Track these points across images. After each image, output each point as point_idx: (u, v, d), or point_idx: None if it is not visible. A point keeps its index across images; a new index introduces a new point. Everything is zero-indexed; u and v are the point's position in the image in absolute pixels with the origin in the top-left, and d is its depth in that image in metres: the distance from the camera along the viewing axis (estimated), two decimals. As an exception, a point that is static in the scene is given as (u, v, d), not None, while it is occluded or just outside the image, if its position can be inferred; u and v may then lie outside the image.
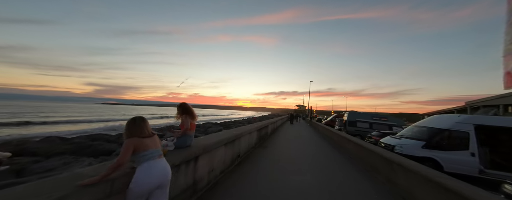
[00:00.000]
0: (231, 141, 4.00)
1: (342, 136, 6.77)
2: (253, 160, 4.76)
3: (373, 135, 8.14)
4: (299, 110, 67.15)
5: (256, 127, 6.67)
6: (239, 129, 5.33)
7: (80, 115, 37.47)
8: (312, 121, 22.12)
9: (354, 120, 11.84)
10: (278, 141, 8.12)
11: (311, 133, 11.93)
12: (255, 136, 6.64)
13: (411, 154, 5.01)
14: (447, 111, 33.20)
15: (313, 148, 6.91)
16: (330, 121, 21.02)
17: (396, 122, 11.16)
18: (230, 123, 21.48)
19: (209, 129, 13.97)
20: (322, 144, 7.81)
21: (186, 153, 2.25)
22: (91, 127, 16.95)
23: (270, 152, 5.92)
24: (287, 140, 8.64)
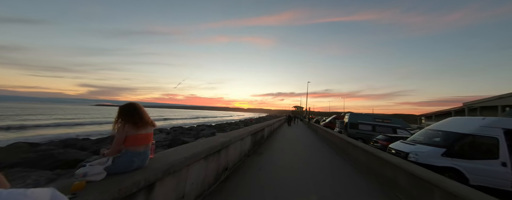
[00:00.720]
0: (215, 151, 3.17)
1: (347, 141, 6.01)
2: (245, 174, 3.92)
3: (380, 140, 7.41)
4: (297, 111, 66.64)
5: (249, 131, 5.84)
6: (228, 135, 4.50)
7: (68, 117, 35.93)
8: (310, 122, 21.41)
9: (356, 122, 11.15)
10: (276, 146, 7.31)
11: (311, 136, 11.18)
12: (248, 141, 5.82)
13: (429, 163, 4.28)
14: (445, 113, 33.13)
15: (315, 155, 6.11)
16: (329, 123, 20.37)
17: (400, 124, 10.53)
18: (225, 125, 20.57)
19: (201, 132, 13.05)
20: (324, 150, 7.03)
21: (128, 182, 1.41)
22: (74, 131, 15.79)
23: (267, 160, 5.10)
24: (285, 144, 7.84)
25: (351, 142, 5.66)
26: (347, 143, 5.98)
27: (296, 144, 8.19)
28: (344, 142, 6.41)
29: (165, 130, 13.26)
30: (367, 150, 4.55)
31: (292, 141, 8.87)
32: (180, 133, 12.43)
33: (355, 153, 5.29)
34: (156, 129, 13.99)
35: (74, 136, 10.21)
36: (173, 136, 10.47)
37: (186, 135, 10.39)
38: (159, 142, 8.00)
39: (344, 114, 22.31)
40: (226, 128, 16.99)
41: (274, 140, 8.94)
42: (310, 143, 8.69)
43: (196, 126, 19.11)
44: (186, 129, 14.82)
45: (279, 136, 10.73)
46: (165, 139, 9.07)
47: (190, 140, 8.47)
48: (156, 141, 9.14)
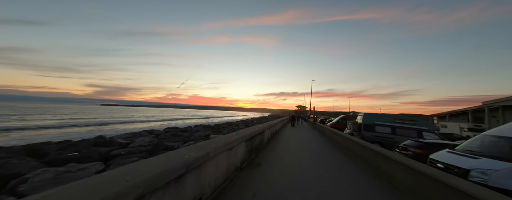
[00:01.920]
0: (172, 180, 1.76)
1: (373, 150, 4.49)
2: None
3: (410, 146, 5.86)
4: (300, 111, 64.89)
5: (243, 137, 4.42)
6: (206, 144, 3.04)
7: (65, 117, 35.39)
8: (315, 123, 19.85)
9: (372, 123, 9.59)
10: (278, 154, 5.88)
11: (319, 140, 9.68)
12: (241, 150, 4.41)
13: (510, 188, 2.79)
14: (461, 113, 30.90)
15: (331, 169, 4.57)
16: (337, 124, 18.78)
17: (427, 126, 8.91)
18: (224, 126, 19.25)
19: (196, 133, 11.74)
20: (341, 161, 5.45)
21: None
22: (57, 132, 14.72)
23: (265, 178, 3.67)
24: (289, 151, 6.38)
25: (380, 151, 4.15)
26: (374, 153, 4.46)
27: (303, 150, 6.72)
28: (368, 151, 4.88)
29: (155, 132, 12.01)
30: (411, 166, 3.06)
31: (298, 147, 7.41)
32: (172, 135, 11.16)
33: (388, 169, 3.80)
34: (145, 130, 12.77)
35: (47, 139, 9.04)
36: (160, 139, 9.17)
37: (176, 138, 9.06)
38: (138, 148, 6.70)
39: (353, 113, 20.60)
40: (225, 129, 15.65)
41: (276, 146, 7.51)
42: (320, 149, 7.19)
43: (193, 127, 17.87)
44: (179, 130, 13.55)
45: (282, 139, 9.29)
46: (149, 143, 7.76)
47: (175, 145, 7.14)
48: (137, 146, 7.84)
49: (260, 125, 7.77)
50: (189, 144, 7.23)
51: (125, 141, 7.92)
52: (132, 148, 6.68)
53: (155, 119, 39.47)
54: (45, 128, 16.87)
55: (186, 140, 8.59)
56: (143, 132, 11.05)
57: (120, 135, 10.41)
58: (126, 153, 6.14)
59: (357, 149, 5.69)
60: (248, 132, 5.18)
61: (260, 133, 6.61)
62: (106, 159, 5.82)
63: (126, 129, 18.64)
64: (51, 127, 18.17)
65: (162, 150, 6.57)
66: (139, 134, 10.61)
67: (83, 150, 6.04)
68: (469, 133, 20.14)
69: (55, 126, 18.16)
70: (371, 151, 4.56)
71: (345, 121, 18.51)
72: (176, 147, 6.93)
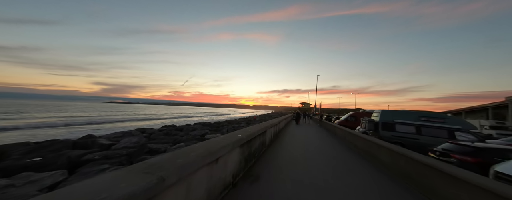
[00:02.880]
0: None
1: (418, 160, 3.22)
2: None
3: (452, 151, 4.54)
4: (304, 108, 63.35)
5: (238, 140, 3.24)
6: (164, 164, 1.85)
7: (68, 115, 35.36)
8: (322, 121, 18.54)
9: (391, 121, 8.26)
10: (283, 161, 4.72)
11: (331, 142, 8.44)
12: (234, 158, 3.27)
13: None
14: (480, 109, 28.77)
15: (359, 188, 3.37)
16: (345, 121, 17.39)
17: (461, 124, 7.50)
18: (225, 124, 18.21)
19: (192, 132, 10.73)
20: (367, 174, 4.16)
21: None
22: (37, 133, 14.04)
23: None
24: (297, 157, 5.19)
25: (433, 165, 2.86)
26: (421, 166, 3.12)
27: (314, 156, 5.50)
28: (411, 163, 3.54)
29: (148, 130, 11.07)
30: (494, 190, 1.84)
31: (307, 151, 6.22)
32: (165, 134, 10.17)
33: (448, 189, 2.56)
34: (138, 129, 11.83)
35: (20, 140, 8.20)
36: (151, 139, 8.19)
37: (167, 138, 8.03)
38: (118, 151, 5.67)
39: (363, 111, 19.01)
40: (224, 127, 14.61)
41: (280, 149, 6.35)
42: (335, 154, 5.92)
43: (192, 125, 16.93)
44: (175, 129, 12.58)
45: (286, 140, 8.12)
46: (135, 144, 6.77)
47: (162, 147, 6.09)
48: (121, 147, 6.82)
49: (262, 124, 6.62)
50: (178, 146, 6.18)
51: (108, 142, 6.95)
52: (112, 151, 5.68)
53: (156, 117, 39.00)
54: (39, 127, 16.33)
55: (178, 141, 7.55)
56: (134, 131, 10.12)
57: (109, 135, 9.51)
58: (101, 158, 5.14)
59: (387, 157, 4.43)
60: (245, 133, 4.02)
61: (261, 134, 5.46)
62: (75, 166, 4.84)
63: (124, 127, 17.89)
64: (49, 126, 17.66)
65: (144, 154, 5.54)
66: (129, 134, 9.68)
67: (49, 155, 5.08)
68: (491, 131, 18.34)
69: (50, 124, 17.62)
70: (416, 162, 3.29)
71: (354, 118, 17.12)
72: (162, 150, 5.91)
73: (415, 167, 3.25)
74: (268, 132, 6.87)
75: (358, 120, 17.17)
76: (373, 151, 5.22)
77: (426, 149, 6.91)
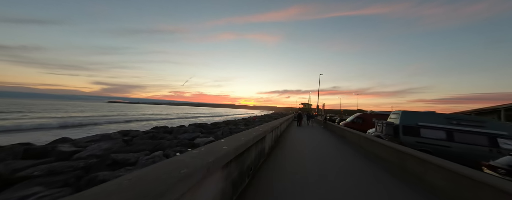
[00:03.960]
0: None
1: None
2: None
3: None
4: (305, 109, 62.03)
5: (221, 157, 1.89)
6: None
7: (62, 115, 34.15)
8: (327, 122, 17.20)
9: (414, 125, 6.94)
10: (289, 180, 3.38)
11: (343, 149, 7.08)
12: (210, 191, 1.95)
13: None
14: (490, 110, 27.33)
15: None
16: (351, 123, 16.04)
17: (506, 130, 6.14)
18: (222, 125, 16.88)
19: (181, 135, 9.43)
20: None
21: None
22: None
23: None
24: (306, 174, 3.78)
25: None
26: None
27: (328, 172, 4.13)
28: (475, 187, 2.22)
29: (132, 133, 9.73)
30: None
31: (317, 162, 4.85)
32: (150, 137, 8.86)
33: None
34: (121, 131, 10.48)
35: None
36: (129, 144, 6.87)
37: (148, 144, 6.71)
38: (72, 163, 4.37)
39: (371, 112, 17.50)
40: (220, 128, 13.28)
41: (282, 158, 5.00)
42: (356, 170, 4.54)
43: (187, 126, 15.63)
44: (164, 131, 11.27)
45: (289, 147, 6.79)
46: (104, 152, 5.46)
47: (131, 158, 4.78)
48: (85, 156, 5.39)
49: (260, 128, 5.30)
50: (152, 156, 4.86)
51: (71, 149, 5.64)
52: (67, 163, 4.38)
53: (153, 117, 37.67)
54: (17, 130, 15.01)
55: (158, 148, 6.23)
56: (115, 134, 8.80)
57: (83, 138, 8.21)
58: (43, 174, 3.84)
59: (442, 181, 3.05)
60: (234, 143, 2.68)
61: (259, 141, 4.15)
62: (7, 184, 3.56)
63: (110, 129, 16.56)
64: (32, 128, 16.36)
65: (104, 168, 4.23)
66: (108, 137, 8.37)
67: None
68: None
69: (34, 127, 16.28)
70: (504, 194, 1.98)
71: (361, 120, 15.79)
72: (131, 161, 4.60)
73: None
74: (268, 137, 5.55)
75: (365, 122, 15.83)
76: (413, 167, 3.87)
77: (461, 159, 5.57)
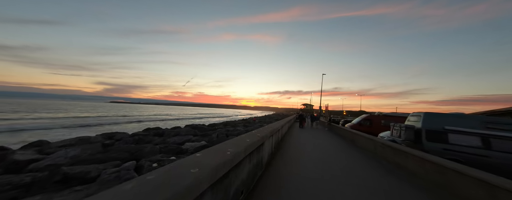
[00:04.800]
0: None
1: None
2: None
3: None
4: (307, 109, 60.86)
5: (180, 196, 0.93)
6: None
7: (59, 116, 33.46)
8: (331, 124, 16.11)
9: (441, 129, 5.87)
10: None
11: (355, 156, 6.02)
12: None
13: None
14: (503, 112, 25.97)
15: None
16: (358, 125, 14.91)
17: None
18: (220, 126, 15.88)
19: (171, 138, 8.45)
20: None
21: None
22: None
23: None
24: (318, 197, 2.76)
25: None
26: None
27: (342, 193, 3.09)
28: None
29: (118, 136, 8.75)
30: None
31: (325, 172, 3.82)
32: (135, 141, 7.89)
33: None
34: (105, 134, 9.45)
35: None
36: (106, 150, 5.88)
37: (121, 152, 5.71)
38: (18, 178, 3.40)
39: (378, 113, 16.16)
40: (216, 130, 12.28)
41: (285, 172, 3.97)
42: (382, 192, 3.45)
43: (182, 127, 14.67)
44: (154, 133, 10.30)
45: (292, 153, 5.74)
46: (70, 161, 4.49)
47: (95, 171, 3.80)
48: (44, 166, 4.39)
49: (257, 133, 4.28)
50: (122, 168, 3.86)
51: (30, 157, 4.67)
52: (8, 178, 3.43)
53: (151, 118, 36.79)
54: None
55: (137, 156, 5.23)
56: (95, 138, 7.83)
57: (63, 141, 7.27)
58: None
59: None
60: (214, 160, 1.63)
61: (255, 150, 3.16)
62: None
63: (97, 131, 15.60)
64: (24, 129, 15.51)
65: (51, 185, 3.25)
66: (87, 140, 7.40)
67: None
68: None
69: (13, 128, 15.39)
70: None
71: (369, 122, 14.68)
72: (92, 174, 3.62)
73: None
74: (267, 144, 4.53)
75: (373, 124, 14.69)
76: (468, 190, 2.82)
77: (502, 172, 4.48)
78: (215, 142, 7.96)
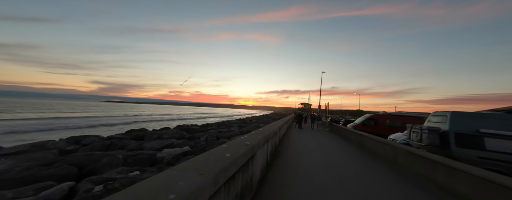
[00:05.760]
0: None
1: None
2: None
3: None
4: (305, 109, 60.04)
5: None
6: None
7: (43, 116, 31.70)
8: (332, 124, 15.03)
9: (475, 132, 4.78)
10: None
11: (373, 168, 4.89)
12: None
13: None
14: (505, 111, 25.27)
15: None
16: (361, 125, 13.84)
17: None
18: (212, 127, 14.62)
19: (148, 144, 7.19)
20: None
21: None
22: None
23: None
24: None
25: None
26: None
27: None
28: None
29: (87, 140, 7.41)
30: None
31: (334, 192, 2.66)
32: (105, 147, 6.61)
33: None
34: (72, 138, 7.98)
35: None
36: (26, 168, 4.58)
37: (63, 166, 4.42)
38: None
39: (384, 113, 14.62)
40: (208, 132, 11.05)
41: (283, 196, 2.79)
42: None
43: (172, 128, 13.37)
44: (130, 138, 8.98)
45: (292, 161, 4.57)
46: None
47: None
48: None
49: (248, 139, 3.06)
50: (39, 196, 2.62)
51: None
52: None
53: (144, 119, 35.06)
54: None
55: (90, 170, 3.97)
56: (53, 143, 6.47)
57: (14, 148, 5.94)
58: None
59: None
60: None
61: (240, 169, 1.97)
62: None
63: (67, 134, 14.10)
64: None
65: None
66: (42, 146, 6.08)
67: None
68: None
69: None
70: None
71: (374, 122, 13.62)
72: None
73: None
74: (260, 155, 3.34)
75: (378, 124, 13.64)
76: None
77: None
78: (201, 147, 6.74)
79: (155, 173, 3.73)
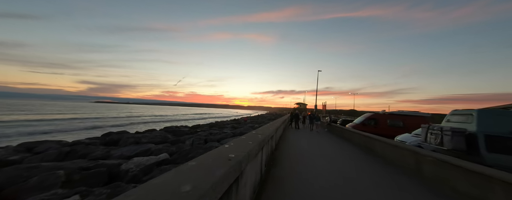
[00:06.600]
0: None
1: None
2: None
3: None
4: (300, 109, 59.47)
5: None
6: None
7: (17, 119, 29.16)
8: (331, 124, 14.23)
9: (509, 134, 4.00)
10: None
11: (404, 183, 3.98)
12: None
13: None
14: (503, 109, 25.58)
15: None
16: (361, 125, 13.10)
17: None
18: (203, 128, 13.43)
19: (120, 150, 5.99)
20: None
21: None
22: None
23: None
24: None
25: None
26: None
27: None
28: None
29: (41, 147, 6.08)
30: None
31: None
32: (62, 156, 5.38)
33: None
34: (25, 144, 6.48)
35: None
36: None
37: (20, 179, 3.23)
38: None
39: (383, 112, 13.75)
40: (195, 134, 9.89)
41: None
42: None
43: (158, 130, 12.06)
44: (100, 142, 7.71)
45: (292, 172, 3.59)
46: None
47: None
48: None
49: (231, 151, 2.07)
50: None
51: None
52: None
53: (133, 120, 33.04)
54: None
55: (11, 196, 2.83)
56: (6, 150, 5.15)
57: None
58: None
59: None
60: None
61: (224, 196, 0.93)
62: None
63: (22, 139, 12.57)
64: None
65: None
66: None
67: None
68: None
69: None
70: None
71: (374, 122, 12.93)
72: None
73: None
74: (250, 170, 2.33)
75: (379, 124, 12.95)
76: None
77: None
78: (184, 154, 5.63)
79: (103, 198, 2.61)
